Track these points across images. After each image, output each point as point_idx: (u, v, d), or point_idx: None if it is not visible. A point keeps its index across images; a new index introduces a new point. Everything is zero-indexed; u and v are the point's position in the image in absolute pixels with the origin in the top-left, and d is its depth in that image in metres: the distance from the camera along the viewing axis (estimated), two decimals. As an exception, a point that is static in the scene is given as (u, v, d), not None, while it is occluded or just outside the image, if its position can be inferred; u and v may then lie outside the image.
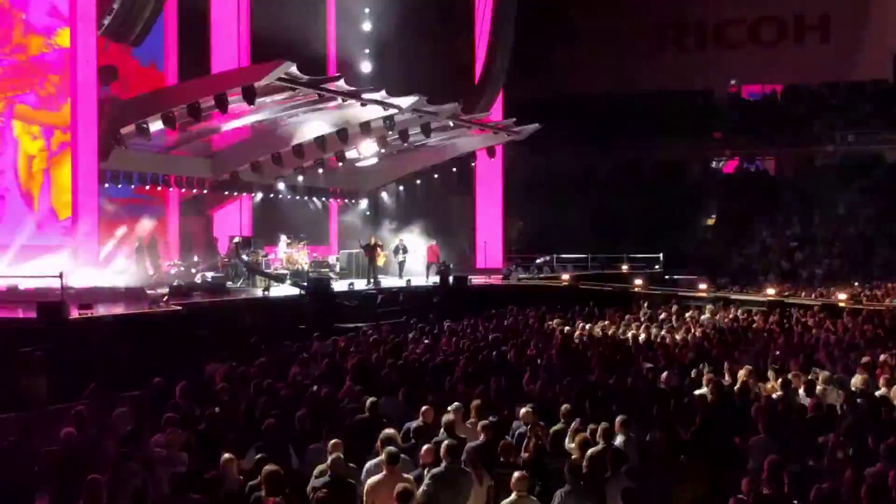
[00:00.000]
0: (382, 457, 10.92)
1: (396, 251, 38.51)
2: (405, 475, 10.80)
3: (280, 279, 31.43)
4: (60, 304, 20.16)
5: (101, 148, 27.31)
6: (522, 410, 13.69)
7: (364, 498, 10.63)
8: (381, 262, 36.30)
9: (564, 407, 13.95)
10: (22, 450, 12.86)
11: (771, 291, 36.97)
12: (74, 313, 20.49)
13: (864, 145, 62.54)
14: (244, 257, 32.02)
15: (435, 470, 11.02)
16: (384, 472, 10.72)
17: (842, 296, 34.00)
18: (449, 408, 13.65)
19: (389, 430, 11.90)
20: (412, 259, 38.93)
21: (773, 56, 66.71)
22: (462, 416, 13.46)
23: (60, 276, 21.32)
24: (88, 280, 25.19)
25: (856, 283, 45.63)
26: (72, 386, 16.89)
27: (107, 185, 29.88)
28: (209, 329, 23.04)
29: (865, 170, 61.79)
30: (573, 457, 11.44)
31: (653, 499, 10.81)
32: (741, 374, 16.69)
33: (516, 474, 10.50)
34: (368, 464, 11.21)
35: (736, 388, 15.47)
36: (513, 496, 10.35)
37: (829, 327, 25.38)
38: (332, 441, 11.50)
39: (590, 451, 11.73)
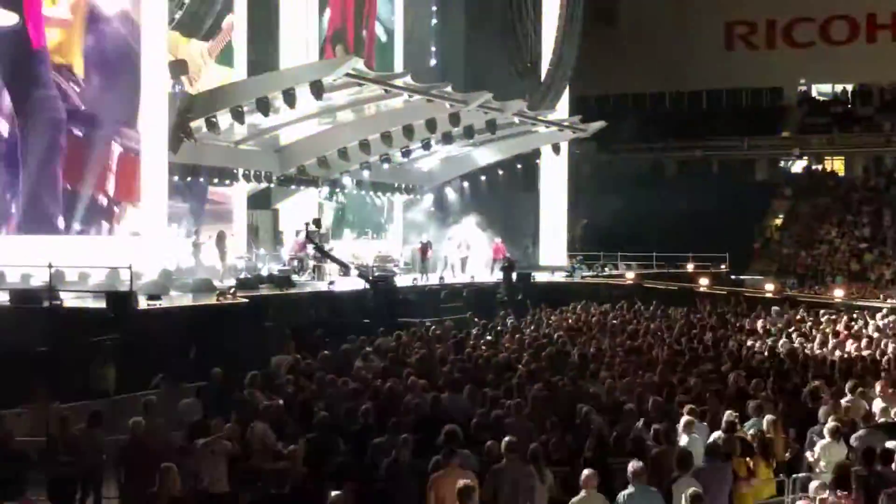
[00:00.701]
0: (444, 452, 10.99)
1: (459, 247, 38.54)
2: (467, 471, 10.83)
3: (347, 267, 31.76)
4: (130, 294, 20.45)
5: (171, 141, 27.63)
6: (585, 408, 13.67)
7: (427, 492, 10.67)
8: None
9: (627, 407, 13.91)
10: (91, 437, 13.10)
11: (839, 293, 36.47)
12: (143, 304, 20.78)
13: (935, 146, 61.52)
14: (315, 241, 32.26)
15: (497, 466, 11.05)
16: (446, 467, 10.77)
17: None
18: (510, 403, 13.68)
19: (452, 426, 11.92)
20: (475, 255, 38.93)
21: (843, 55, 65.71)
22: (524, 413, 13.44)
23: (130, 267, 21.63)
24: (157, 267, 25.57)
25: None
26: (140, 375, 17.15)
27: (176, 179, 30.21)
28: (275, 321, 23.25)
29: (937, 171, 60.84)
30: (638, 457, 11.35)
31: (718, 502, 10.76)
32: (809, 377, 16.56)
33: (585, 472, 10.47)
34: (433, 459, 11.24)
35: (804, 391, 15.29)
36: (582, 493, 10.33)
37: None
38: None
39: (654, 451, 11.70)
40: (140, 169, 27.10)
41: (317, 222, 33.04)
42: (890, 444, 11.83)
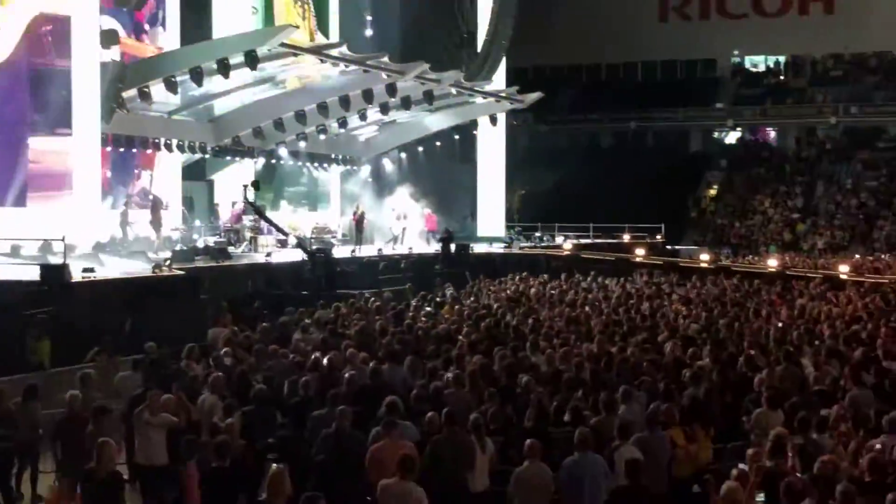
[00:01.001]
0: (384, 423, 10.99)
1: (398, 218, 38.48)
2: (408, 442, 10.84)
3: (286, 234, 31.63)
4: (63, 266, 20.15)
5: (103, 111, 27.14)
6: (525, 378, 13.72)
7: (368, 463, 10.67)
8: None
9: (566, 376, 13.99)
10: (27, 410, 12.92)
11: (773, 263, 36.95)
12: (77, 276, 20.48)
13: (866, 118, 62.36)
14: (255, 204, 31.92)
15: (437, 436, 11.07)
16: (386, 439, 10.76)
17: (843, 268, 33.89)
18: (449, 375, 13.69)
19: (393, 397, 11.91)
20: (410, 226, 38.91)
21: (776, 27, 66.36)
22: (463, 383, 13.46)
23: (63, 239, 21.32)
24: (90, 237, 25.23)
25: (857, 256, 45.69)
26: (75, 348, 16.94)
27: (109, 150, 29.75)
28: (211, 294, 23.05)
29: (868, 142, 61.76)
30: (577, 426, 11.42)
31: (657, 469, 10.86)
32: (745, 345, 16.72)
33: (528, 442, 10.53)
34: (374, 430, 11.22)
35: (740, 359, 15.45)
36: (525, 463, 10.40)
37: (831, 299, 25.30)
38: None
39: (593, 421, 11.78)
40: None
41: (255, 185, 32.60)
42: (824, 412, 12.04)
